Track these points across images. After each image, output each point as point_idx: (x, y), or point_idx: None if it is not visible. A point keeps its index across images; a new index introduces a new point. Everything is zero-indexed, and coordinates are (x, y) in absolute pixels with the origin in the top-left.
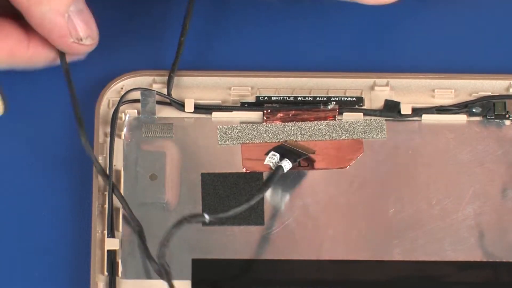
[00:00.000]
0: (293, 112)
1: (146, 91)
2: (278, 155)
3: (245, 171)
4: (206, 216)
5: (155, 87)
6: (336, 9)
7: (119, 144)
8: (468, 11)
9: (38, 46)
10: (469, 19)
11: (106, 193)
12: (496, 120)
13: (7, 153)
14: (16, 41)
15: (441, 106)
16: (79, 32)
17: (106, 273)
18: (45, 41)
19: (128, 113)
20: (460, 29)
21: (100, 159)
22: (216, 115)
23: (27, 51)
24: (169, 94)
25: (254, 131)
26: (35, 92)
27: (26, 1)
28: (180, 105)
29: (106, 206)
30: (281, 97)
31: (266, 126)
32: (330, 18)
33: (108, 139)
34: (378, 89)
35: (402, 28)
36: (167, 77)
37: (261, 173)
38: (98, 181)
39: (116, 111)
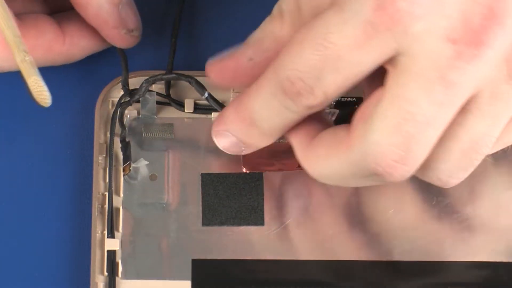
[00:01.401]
0: None
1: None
2: None
3: (245, 171)
4: None
5: (155, 87)
6: None
7: (119, 144)
8: None
9: (74, 40)
10: None
11: (106, 193)
12: None
13: (7, 153)
14: (53, 36)
15: None
16: (129, 24)
17: (106, 273)
18: (80, 33)
19: (128, 114)
20: None
21: (100, 160)
22: (216, 115)
23: (63, 46)
24: (167, 94)
25: None
26: None
27: None
28: (180, 106)
29: (106, 206)
30: None
31: None
32: None
33: (108, 139)
34: None
35: None
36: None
37: (261, 174)
38: (98, 181)
39: (116, 111)
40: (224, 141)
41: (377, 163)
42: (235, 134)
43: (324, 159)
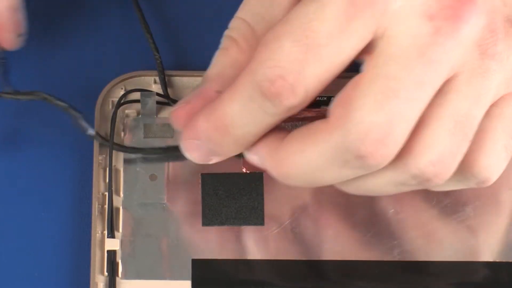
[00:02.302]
0: None
1: (146, 92)
2: None
3: (245, 171)
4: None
5: (155, 87)
6: None
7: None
8: None
9: None
10: None
11: (106, 193)
12: None
13: (7, 153)
14: None
15: None
16: (21, 28)
17: (106, 273)
18: None
19: (128, 114)
20: None
21: (100, 160)
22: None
23: None
24: (165, 94)
25: None
26: None
27: None
28: None
29: (106, 206)
30: None
31: None
32: None
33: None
34: None
35: None
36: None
37: (261, 174)
38: (98, 181)
39: (116, 112)
40: (194, 152)
41: (360, 142)
42: (207, 144)
43: (299, 153)
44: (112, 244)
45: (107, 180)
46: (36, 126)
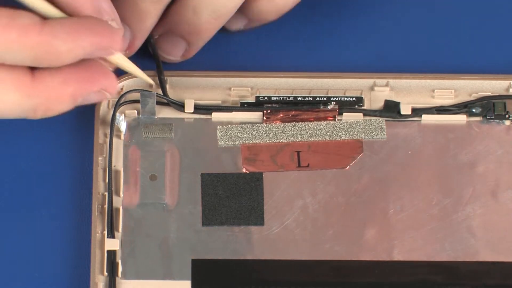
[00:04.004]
0: (293, 112)
1: (146, 92)
2: None
3: (245, 171)
4: None
5: (155, 87)
6: (335, 9)
7: (119, 144)
8: (468, 11)
9: None
10: (469, 19)
11: (106, 193)
12: (496, 120)
13: (7, 153)
14: None
15: (441, 106)
16: (103, 13)
17: (106, 273)
18: None
19: (128, 114)
20: (460, 29)
21: (100, 160)
22: (216, 115)
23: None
24: (165, 95)
25: (254, 131)
26: None
27: None
28: (180, 106)
29: (106, 206)
30: (281, 97)
31: (266, 127)
32: (329, 18)
33: (108, 140)
34: (378, 89)
35: (402, 28)
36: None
37: (261, 174)
38: (98, 181)
39: (115, 112)
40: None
41: None
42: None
43: None
44: (112, 244)
45: (107, 180)
46: (37, 126)
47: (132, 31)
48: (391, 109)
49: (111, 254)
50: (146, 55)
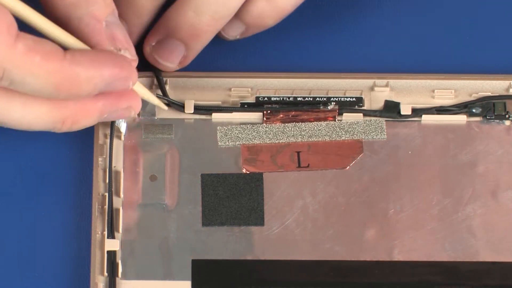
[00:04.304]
0: (293, 112)
1: None
2: None
3: (245, 171)
4: None
5: (154, 88)
6: (335, 9)
7: (119, 145)
8: (468, 11)
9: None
10: (469, 19)
11: (106, 194)
12: (496, 120)
13: (7, 153)
14: None
15: (441, 107)
16: (117, 42)
17: (106, 273)
18: None
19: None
20: (460, 29)
21: (100, 160)
22: (216, 116)
23: None
24: (165, 95)
25: (254, 132)
26: None
27: (63, 6)
28: (180, 106)
29: (106, 207)
30: (281, 98)
31: (266, 127)
32: (329, 19)
33: (108, 140)
34: (378, 90)
35: (402, 28)
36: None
37: (261, 174)
38: (98, 182)
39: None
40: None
41: None
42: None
43: None
44: (112, 244)
45: (107, 181)
46: None
47: (128, 26)
48: (391, 109)
49: (111, 254)
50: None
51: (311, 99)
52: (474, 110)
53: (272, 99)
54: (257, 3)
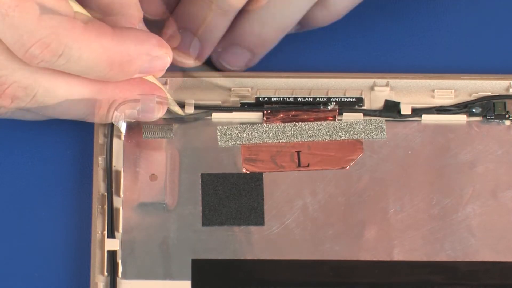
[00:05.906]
0: (293, 112)
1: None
2: None
3: (245, 171)
4: None
5: None
6: None
7: (119, 145)
8: (468, 11)
9: None
10: (469, 19)
11: (106, 193)
12: (496, 120)
13: (7, 153)
14: None
15: (441, 106)
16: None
17: (106, 273)
18: None
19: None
20: (460, 29)
21: (100, 160)
22: (216, 115)
23: None
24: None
25: (254, 131)
26: None
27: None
28: (180, 106)
29: (106, 206)
30: (281, 98)
31: (266, 127)
32: None
33: (108, 140)
34: (378, 89)
35: (402, 28)
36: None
37: (261, 174)
38: (98, 181)
39: (115, 112)
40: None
41: None
42: None
43: None
44: (112, 244)
45: (107, 181)
46: (37, 126)
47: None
48: (391, 109)
49: (111, 254)
50: None
51: (311, 99)
52: (474, 110)
53: (272, 99)
54: (312, 9)
